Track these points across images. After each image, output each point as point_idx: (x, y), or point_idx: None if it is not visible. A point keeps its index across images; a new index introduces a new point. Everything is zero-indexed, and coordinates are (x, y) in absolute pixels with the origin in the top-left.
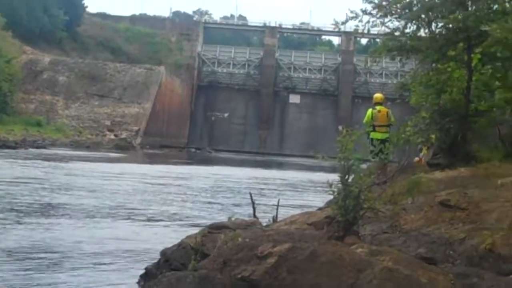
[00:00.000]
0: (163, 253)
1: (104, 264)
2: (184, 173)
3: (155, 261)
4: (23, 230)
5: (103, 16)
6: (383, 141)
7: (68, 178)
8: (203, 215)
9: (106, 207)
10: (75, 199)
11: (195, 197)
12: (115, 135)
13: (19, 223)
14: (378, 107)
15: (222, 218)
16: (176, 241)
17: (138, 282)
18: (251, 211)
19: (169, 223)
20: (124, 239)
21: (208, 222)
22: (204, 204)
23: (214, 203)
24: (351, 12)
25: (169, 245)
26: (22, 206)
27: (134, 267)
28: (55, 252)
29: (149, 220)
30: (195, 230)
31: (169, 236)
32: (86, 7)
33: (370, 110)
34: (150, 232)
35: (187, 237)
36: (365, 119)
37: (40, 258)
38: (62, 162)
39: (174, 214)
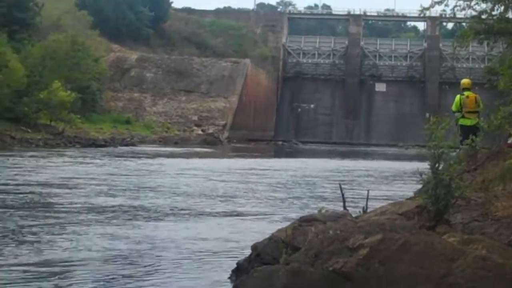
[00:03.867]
0: (254, 247)
1: (196, 261)
2: (272, 166)
3: (246, 256)
4: (110, 233)
5: (188, 11)
6: (473, 127)
7: (153, 177)
8: (292, 208)
9: (196, 206)
10: (163, 199)
11: (283, 191)
12: (203, 130)
13: (104, 225)
14: (466, 93)
15: (311, 210)
16: (267, 236)
17: (230, 277)
18: (340, 203)
19: (258, 217)
20: (214, 236)
21: (298, 215)
22: (292, 197)
23: (303, 195)
24: None
25: (260, 240)
26: (111, 207)
27: (226, 263)
28: (146, 254)
29: (238, 215)
30: (285, 224)
31: (259, 231)
32: (172, 2)
33: (458, 97)
34: (240, 228)
35: (278, 230)
36: (454, 106)
37: (131, 262)
38: (150, 159)
39: (263, 208)
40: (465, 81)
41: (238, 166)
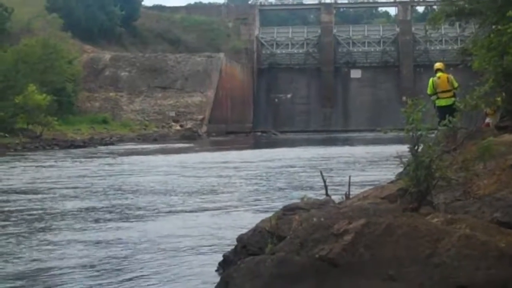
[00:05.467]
0: (240, 239)
1: (182, 255)
2: (251, 157)
3: (232, 247)
4: (97, 232)
5: (159, 8)
6: (448, 107)
7: (132, 175)
8: (275, 198)
9: (177, 202)
10: (143, 198)
11: (264, 181)
12: (181, 126)
13: (81, 230)
14: (438, 74)
15: (294, 199)
16: (251, 226)
17: (217, 270)
18: (323, 190)
19: (242, 209)
20: (198, 229)
21: (281, 204)
22: (274, 187)
23: (285, 185)
24: None
25: (245, 231)
26: (87, 210)
27: (212, 255)
28: (129, 254)
29: (220, 209)
30: (269, 214)
31: (243, 222)
32: (142, 0)
33: (431, 79)
34: (223, 221)
35: (262, 221)
36: (428, 89)
37: (120, 256)
38: (128, 157)
39: (245, 199)
40: (437, 64)
41: (218, 159)
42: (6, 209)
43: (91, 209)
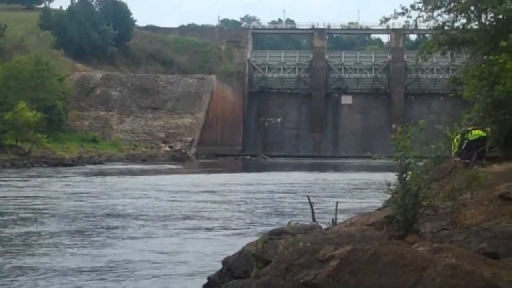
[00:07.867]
0: (225, 261)
1: (166, 276)
2: (239, 181)
3: (217, 270)
4: (62, 258)
5: (152, 28)
6: (477, 141)
7: (118, 197)
8: (261, 221)
9: (165, 224)
10: (129, 221)
11: (251, 204)
12: (170, 147)
13: (82, 242)
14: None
15: (281, 223)
16: (237, 249)
17: None
18: (309, 216)
19: (228, 231)
20: (184, 251)
21: (267, 228)
22: (261, 211)
23: (272, 209)
24: (401, 8)
25: (230, 254)
26: (83, 226)
27: (197, 278)
28: (118, 270)
29: (207, 231)
30: (255, 238)
31: (229, 245)
32: (135, 21)
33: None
34: (209, 242)
35: (248, 244)
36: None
37: (106, 275)
38: (120, 177)
39: (232, 222)
40: None
41: (206, 182)
42: None
43: (55, 233)
